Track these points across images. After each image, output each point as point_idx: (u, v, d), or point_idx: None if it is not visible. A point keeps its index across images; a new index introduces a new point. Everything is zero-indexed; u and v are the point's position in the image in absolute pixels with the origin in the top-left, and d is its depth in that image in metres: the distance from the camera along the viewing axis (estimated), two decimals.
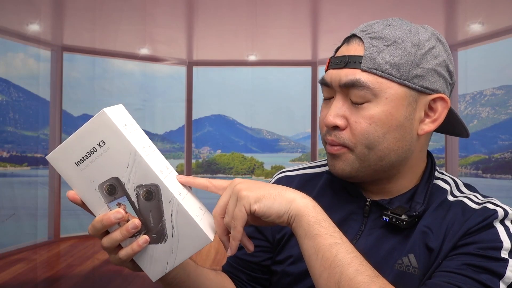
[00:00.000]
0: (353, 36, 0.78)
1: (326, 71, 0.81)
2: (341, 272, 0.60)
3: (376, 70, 0.73)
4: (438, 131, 0.85)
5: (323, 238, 0.63)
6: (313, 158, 6.43)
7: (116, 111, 0.67)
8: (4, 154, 5.71)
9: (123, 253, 0.67)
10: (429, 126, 0.78)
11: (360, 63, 0.74)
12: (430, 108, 0.77)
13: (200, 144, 8.16)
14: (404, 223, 0.75)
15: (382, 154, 0.75)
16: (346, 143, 0.76)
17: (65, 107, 5.46)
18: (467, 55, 5.07)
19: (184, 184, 0.71)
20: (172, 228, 0.66)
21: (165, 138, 7.32)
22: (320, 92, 0.82)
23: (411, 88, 0.74)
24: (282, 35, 5.48)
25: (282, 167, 1.01)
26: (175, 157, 7.10)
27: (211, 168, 8.19)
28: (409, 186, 0.81)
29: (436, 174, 0.84)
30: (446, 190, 0.81)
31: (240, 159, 8.49)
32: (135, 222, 0.65)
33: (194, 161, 7.38)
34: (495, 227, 0.71)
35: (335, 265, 0.61)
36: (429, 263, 0.73)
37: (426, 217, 0.77)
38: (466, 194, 0.80)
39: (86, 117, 5.83)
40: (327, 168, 0.91)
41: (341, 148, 0.77)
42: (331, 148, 0.79)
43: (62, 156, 0.66)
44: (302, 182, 0.93)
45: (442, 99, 0.77)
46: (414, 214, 0.76)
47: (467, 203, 0.77)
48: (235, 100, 7.84)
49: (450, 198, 0.79)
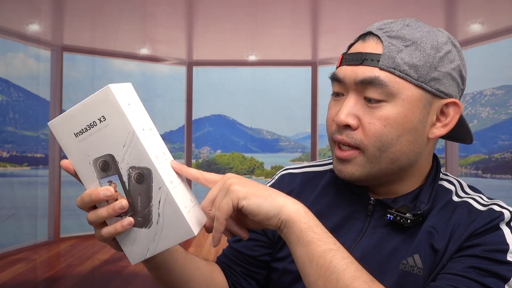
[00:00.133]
0: (369, 33, 0.76)
1: (338, 67, 0.79)
2: (337, 279, 0.59)
3: (394, 69, 0.72)
4: (441, 137, 0.84)
5: (317, 245, 0.62)
6: (313, 158, 6.42)
7: (122, 88, 0.66)
8: (4, 154, 5.71)
9: (106, 231, 0.66)
10: (440, 130, 0.77)
11: (378, 61, 0.72)
12: (442, 112, 0.76)
13: (200, 144, 8.15)
14: (409, 221, 0.74)
15: (394, 156, 0.74)
16: (358, 144, 0.74)
17: (65, 107, 5.45)
18: (467, 55, 5.03)
19: (176, 171, 0.70)
20: (158, 215, 0.65)
21: (165, 138, 7.31)
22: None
23: (427, 91, 0.73)
24: (282, 35, 5.48)
25: (282, 167, 1.00)
26: (175, 157, 7.06)
27: (211, 168, 8.19)
28: (414, 186, 0.81)
29: (441, 175, 0.83)
30: (451, 191, 0.80)
31: (240, 159, 8.49)
32: (123, 202, 0.65)
33: (194, 161, 7.38)
34: (501, 229, 0.71)
35: (330, 272, 0.60)
36: (434, 264, 0.72)
37: (431, 217, 0.76)
38: (471, 195, 0.79)
39: None
40: (331, 166, 0.90)
41: (352, 153, 0.75)
42: (341, 153, 0.77)
43: (63, 125, 0.66)
44: (305, 180, 0.91)
45: (455, 104, 0.76)
46: (419, 212, 0.75)
47: (473, 204, 0.76)
48: (235, 100, 7.84)
49: (455, 198, 0.79)
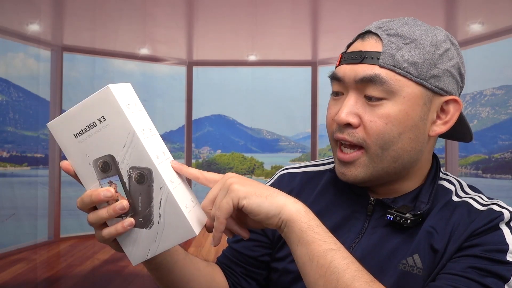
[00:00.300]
0: (368, 32, 0.77)
1: (337, 66, 0.78)
2: (337, 279, 0.59)
3: (394, 67, 0.72)
4: (441, 136, 0.84)
5: (317, 245, 0.61)
6: (313, 158, 6.42)
7: (122, 89, 0.66)
8: (4, 154, 5.71)
9: (106, 232, 0.66)
10: (440, 128, 0.77)
11: (378, 59, 0.72)
12: (442, 110, 0.76)
13: (200, 144, 8.16)
14: (409, 221, 0.74)
15: (396, 154, 0.74)
16: (360, 142, 0.74)
17: (65, 107, 5.45)
18: (467, 55, 5.07)
19: (177, 171, 0.69)
20: (159, 216, 0.65)
21: (165, 138, 7.31)
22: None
23: (427, 88, 0.73)
24: (282, 35, 5.48)
25: (282, 167, 0.99)
26: (175, 157, 7.07)
27: (211, 168, 8.19)
28: (414, 186, 0.80)
29: (441, 175, 0.83)
30: (450, 191, 0.80)
31: (240, 159, 8.49)
32: (123, 203, 0.65)
33: (194, 161, 7.38)
34: (501, 229, 0.71)
35: (331, 271, 0.60)
36: (433, 264, 0.72)
37: (431, 217, 0.76)
38: (471, 195, 0.79)
39: None
40: (331, 166, 0.90)
41: (355, 155, 0.75)
42: (343, 156, 0.76)
43: (62, 126, 0.65)
44: (305, 179, 0.91)
45: (455, 101, 0.76)
46: (419, 212, 0.75)
47: (473, 204, 0.76)
48: (235, 100, 7.84)
49: (455, 198, 0.79)
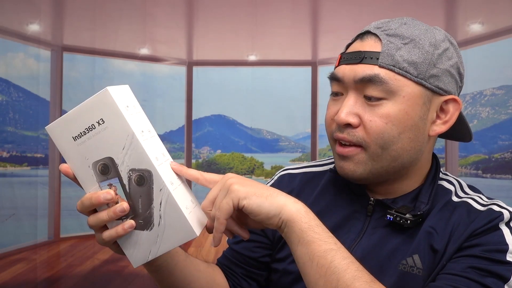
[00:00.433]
0: (367, 32, 0.77)
1: (336, 67, 0.79)
2: (337, 279, 0.59)
3: (394, 67, 0.72)
4: (440, 136, 0.84)
5: (317, 245, 0.61)
6: (313, 158, 6.42)
7: (120, 91, 0.66)
8: (4, 154, 5.71)
9: (107, 234, 0.66)
10: (440, 127, 0.77)
11: (377, 59, 0.72)
12: (442, 109, 0.77)
13: (200, 144, 8.16)
14: (409, 222, 0.74)
15: (396, 154, 0.74)
16: (360, 142, 0.74)
17: (65, 107, 5.45)
18: (467, 55, 5.07)
19: (176, 172, 0.69)
20: (160, 217, 0.65)
21: (165, 138, 7.32)
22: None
23: (427, 88, 0.73)
24: (282, 35, 5.48)
25: (282, 167, 0.99)
26: (175, 157, 7.10)
27: (211, 168, 8.19)
28: (414, 186, 0.80)
29: (441, 175, 0.83)
30: (450, 191, 0.80)
31: (240, 159, 8.50)
32: (124, 205, 0.65)
33: (194, 161, 7.38)
34: (500, 229, 0.71)
35: (331, 272, 0.60)
36: (433, 264, 0.72)
37: (431, 217, 0.76)
38: (471, 195, 0.79)
39: None
40: (331, 166, 0.90)
41: (353, 149, 0.75)
42: (342, 150, 0.76)
43: (61, 129, 0.65)
44: (305, 180, 0.91)
45: (455, 100, 0.76)
46: (419, 213, 0.75)
47: (472, 204, 0.76)
48: (235, 100, 7.85)
49: (455, 199, 0.79)
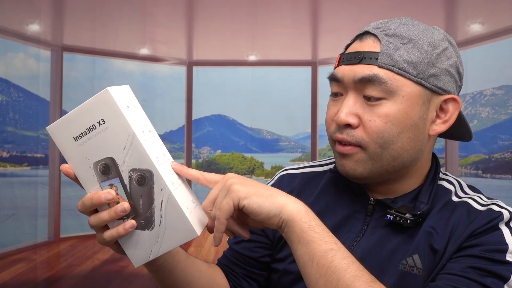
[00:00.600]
0: (366, 33, 0.77)
1: (336, 67, 0.79)
2: (338, 279, 0.59)
3: (393, 67, 0.72)
4: (440, 135, 0.84)
5: (318, 244, 0.61)
6: (313, 158, 6.42)
7: (121, 91, 0.66)
8: (4, 154, 5.71)
9: (108, 234, 0.66)
10: (440, 127, 0.77)
11: (377, 59, 0.73)
12: (441, 109, 0.77)
13: (200, 144, 8.17)
14: (408, 221, 0.74)
15: (395, 153, 0.74)
16: (359, 142, 0.74)
17: (65, 107, 5.46)
18: (467, 55, 5.07)
19: (177, 172, 0.70)
20: (161, 217, 0.65)
21: (165, 138, 7.32)
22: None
23: (426, 87, 0.74)
24: (282, 35, 5.48)
25: (282, 167, 0.99)
26: (175, 157, 7.10)
27: (211, 168, 8.19)
28: (413, 186, 0.81)
29: (440, 175, 0.83)
30: (450, 191, 0.80)
31: (240, 159, 8.50)
32: (125, 205, 0.65)
33: (194, 161, 7.38)
34: (500, 229, 0.71)
35: (331, 271, 0.60)
36: (433, 264, 0.72)
37: (431, 217, 0.76)
38: (471, 195, 0.79)
39: None
40: (331, 166, 0.90)
41: (353, 148, 0.75)
42: (342, 148, 0.77)
43: (61, 129, 0.65)
44: (305, 180, 0.91)
45: (454, 100, 0.76)
46: (419, 213, 0.75)
47: (472, 204, 0.76)
48: (235, 100, 7.86)
49: (455, 199, 0.79)
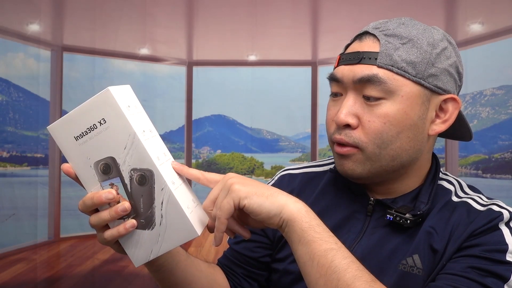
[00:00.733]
0: (365, 33, 0.77)
1: (335, 68, 0.79)
2: (338, 279, 0.59)
3: (392, 66, 0.72)
4: (440, 135, 0.84)
5: (318, 244, 0.61)
6: (313, 158, 6.42)
7: (121, 91, 0.66)
8: (4, 154, 5.71)
9: (108, 233, 0.66)
10: (439, 126, 0.77)
11: (376, 59, 0.73)
12: (441, 108, 0.77)
13: (200, 144, 8.17)
14: (408, 221, 0.74)
15: (394, 153, 0.74)
16: (356, 143, 0.74)
17: (65, 107, 5.46)
18: (467, 55, 5.07)
19: (177, 171, 0.70)
20: (161, 217, 0.65)
21: (165, 138, 7.32)
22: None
23: (425, 87, 0.74)
24: (282, 35, 5.48)
25: (282, 167, 0.99)
26: (175, 157, 7.09)
27: (211, 168, 8.20)
28: (413, 186, 0.81)
29: (440, 175, 0.83)
30: (450, 191, 0.80)
31: (240, 159, 8.50)
32: (125, 205, 0.65)
33: (194, 161, 7.39)
34: (500, 229, 0.71)
35: (331, 271, 0.60)
36: (433, 264, 0.72)
37: (431, 217, 0.76)
38: (471, 195, 0.79)
39: None
40: (331, 166, 0.90)
41: (351, 149, 0.75)
42: (340, 149, 0.77)
43: (62, 129, 0.66)
44: (305, 180, 0.91)
45: (454, 99, 0.76)
46: (419, 213, 0.75)
47: (472, 204, 0.76)
48: (235, 100, 7.86)
49: (455, 199, 0.79)
